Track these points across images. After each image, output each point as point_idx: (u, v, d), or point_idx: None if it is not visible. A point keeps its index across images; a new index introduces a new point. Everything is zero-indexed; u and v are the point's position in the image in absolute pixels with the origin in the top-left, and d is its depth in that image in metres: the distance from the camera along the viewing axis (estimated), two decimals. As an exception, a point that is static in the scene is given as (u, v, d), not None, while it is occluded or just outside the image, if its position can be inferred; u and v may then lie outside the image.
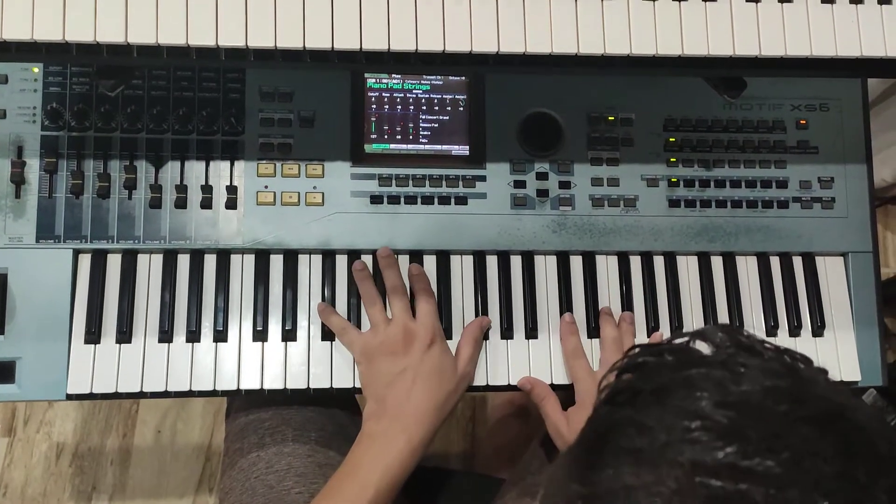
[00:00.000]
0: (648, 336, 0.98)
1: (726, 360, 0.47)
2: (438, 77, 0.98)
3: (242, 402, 1.00)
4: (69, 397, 0.88)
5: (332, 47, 0.73)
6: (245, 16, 0.71)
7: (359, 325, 0.93)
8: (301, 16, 0.72)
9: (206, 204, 0.93)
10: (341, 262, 0.95)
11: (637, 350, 0.51)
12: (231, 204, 0.93)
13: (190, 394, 0.90)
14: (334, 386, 0.92)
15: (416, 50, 0.73)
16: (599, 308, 0.97)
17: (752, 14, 0.78)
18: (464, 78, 0.99)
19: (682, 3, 0.77)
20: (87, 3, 0.69)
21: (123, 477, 1.58)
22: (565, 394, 0.95)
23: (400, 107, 0.98)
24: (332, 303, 0.93)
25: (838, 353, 1.00)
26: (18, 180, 0.90)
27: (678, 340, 0.51)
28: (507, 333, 0.96)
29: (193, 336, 0.91)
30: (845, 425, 0.44)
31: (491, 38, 0.74)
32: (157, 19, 0.70)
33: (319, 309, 0.92)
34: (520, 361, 0.95)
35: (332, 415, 0.99)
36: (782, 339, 1.00)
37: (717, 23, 0.78)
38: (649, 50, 0.76)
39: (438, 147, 0.99)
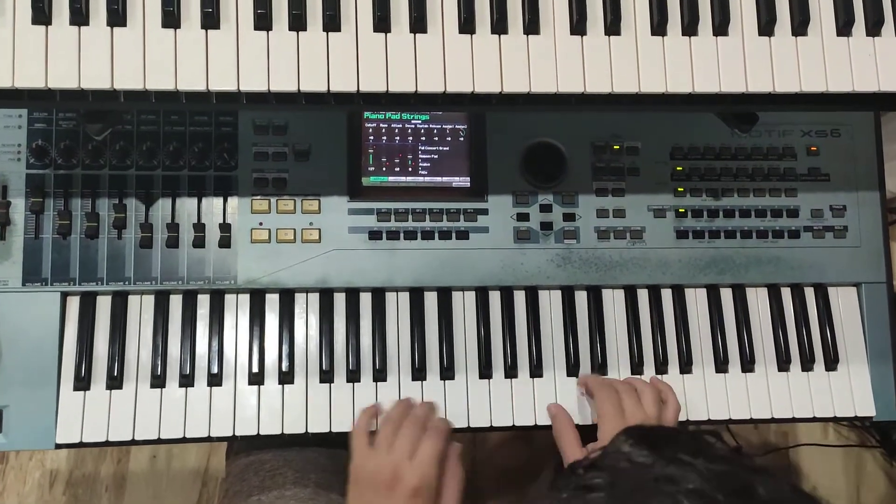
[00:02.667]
0: (655, 374, 0.95)
1: (666, 493, 0.44)
2: (438, 107, 0.95)
3: (243, 443, 0.97)
4: (58, 447, 0.85)
5: (328, 90, 0.69)
6: (237, 59, 0.68)
7: (353, 365, 0.90)
8: (295, 57, 0.69)
9: (199, 243, 0.89)
10: (339, 300, 0.92)
11: (560, 483, 0.48)
12: (224, 242, 0.90)
13: (184, 440, 0.87)
14: (333, 430, 0.89)
15: (416, 91, 0.70)
16: (606, 345, 0.94)
17: (765, 48, 0.75)
18: (464, 108, 0.96)
19: (692, 38, 0.74)
20: (71, 49, 0.66)
21: (119, 503, 1.55)
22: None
23: (398, 138, 0.95)
24: (330, 344, 0.90)
25: (852, 388, 0.97)
26: (3, 221, 0.87)
27: (598, 460, 0.48)
28: (511, 372, 0.92)
29: (187, 381, 0.88)
30: None
31: (494, 77, 0.71)
32: (145, 64, 0.67)
33: (367, 407, 0.88)
34: (524, 400, 0.92)
35: (333, 454, 0.96)
36: (795, 374, 0.97)
37: (729, 58, 0.74)
38: (659, 88, 0.73)
39: (438, 179, 0.95)
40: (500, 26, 0.72)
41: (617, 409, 0.86)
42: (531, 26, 0.72)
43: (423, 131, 0.95)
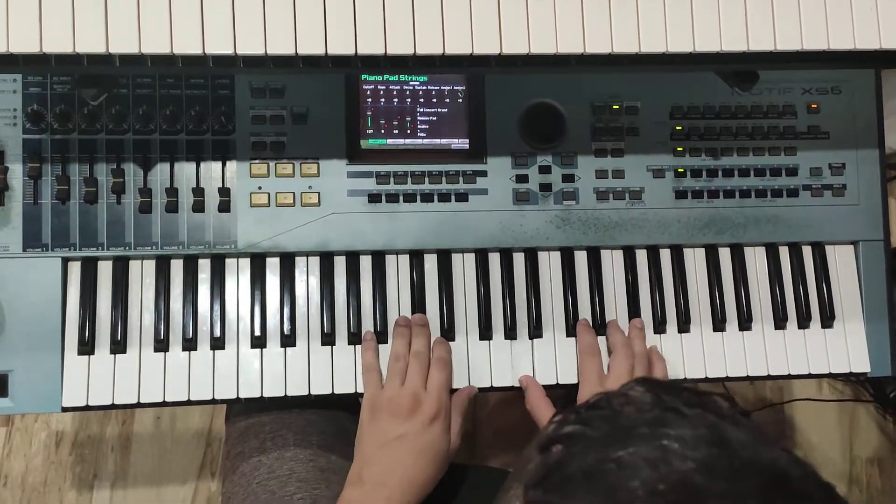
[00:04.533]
0: (654, 333, 0.96)
1: (653, 434, 0.44)
2: (436, 67, 0.94)
3: (243, 405, 0.98)
4: (65, 410, 0.86)
5: (326, 52, 0.69)
6: (233, 22, 0.67)
7: (354, 327, 0.91)
8: (292, 20, 0.68)
9: (198, 207, 0.89)
10: (340, 263, 0.92)
11: (561, 418, 0.49)
12: (224, 207, 0.90)
13: (188, 403, 0.88)
14: (336, 392, 0.90)
15: (415, 53, 0.70)
16: (605, 305, 0.95)
17: (766, 5, 0.74)
18: (462, 68, 0.95)
19: (693, -4, 0.73)
20: (65, 12, 0.65)
21: (124, 464, 1.58)
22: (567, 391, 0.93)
23: (396, 100, 0.95)
24: (331, 308, 0.91)
25: (847, 345, 0.98)
26: (1, 187, 0.86)
27: (601, 401, 0.49)
28: (510, 333, 0.93)
29: (190, 344, 0.88)
30: (783, 493, 0.42)
31: (493, 38, 0.70)
32: (140, 27, 0.66)
33: (365, 336, 0.91)
34: (524, 362, 0.93)
35: (333, 417, 0.98)
36: (791, 332, 0.98)
37: (730, 16, 0.74)
38: (659, 47, 0.73)
39: (437, 141, 0.95)
40: (498, -14, 0.71)
41: (598, 374, 0.90)
42: (530, -14, 0.71)
43: (421, 93, 0.95)
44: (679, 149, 0.98)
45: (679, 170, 0.97)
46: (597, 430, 0.46)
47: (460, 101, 0.95)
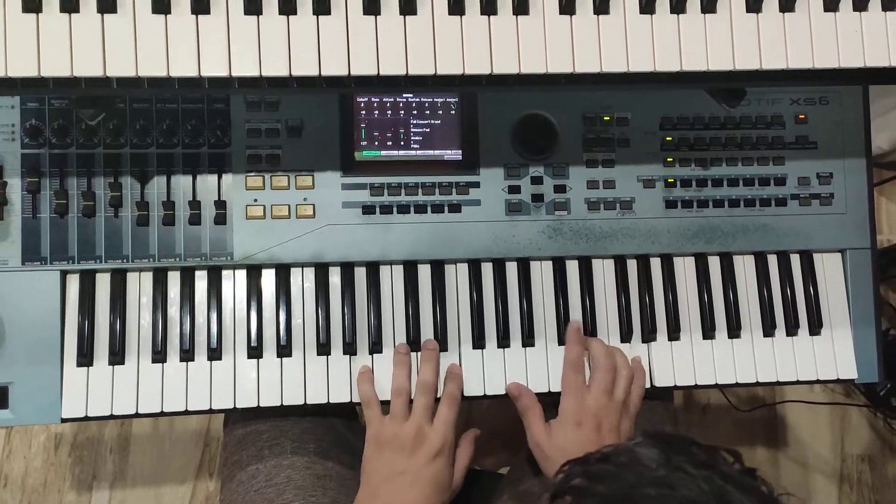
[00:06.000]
0: (644, 341, 0.97)
1: (658, 497, 0.45)
2: (429, 80, 0.95)
3: (240, 413, 1.00)
4: (64, 420, 0.88)
5: (320, 74, 0.70)
6: (228, 44, 0.69)
7: (350, 338, 0.92)
8: (286, 42, 0.69)
9: (195, 220, 0.91)
10: (335, 274, 0.94)
11: (569, 469, 0.50)
12: (220, 219, 0.91)
13: (186, 413, 0.89)
14: (331, 401, 0.91)
15: (407, 74, 0.71)
16: (596, 314, 0.97)
17: (752, 25, 0.76)
18: (455, 81, 0.96)
19: (680, 16, 0.74)
20: (63, 36, 0.66)
21: (123, 465, 1.59)
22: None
23: (390, 112, 0.96)
24: (326, 319, 0.92)
25: (835, 351, 1.00)
26: (1, 201, 0.88)
27: (610, 454, 0.50)
28: (503, 342, 0.95)
29: (187, 355, 0.90)
30: None
31: (484, 59, 0.72)
32: (137, 50, 0.68)
33: (361, 371, 0.92)
34: (516, 370, 0.95)
35: (329, 424, 0.99)
36: (780, 339, 1.00)
37: (716, 35, 0.75)
38: (647, 67, 0.74)
39: (430, 152, 0.96)
40: (489, 7, 0.72)
41: (579, 388, 0.91)
42: (520, 7, 0.72)
43: (414, 105, 0.96)
44: (669, 159, 0.99)
45: (669, 180, 0.99)
46: (604, 487, 0.47)
47: (453, 112, 0.97)
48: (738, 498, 0.45)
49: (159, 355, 0.89)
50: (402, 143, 0.96)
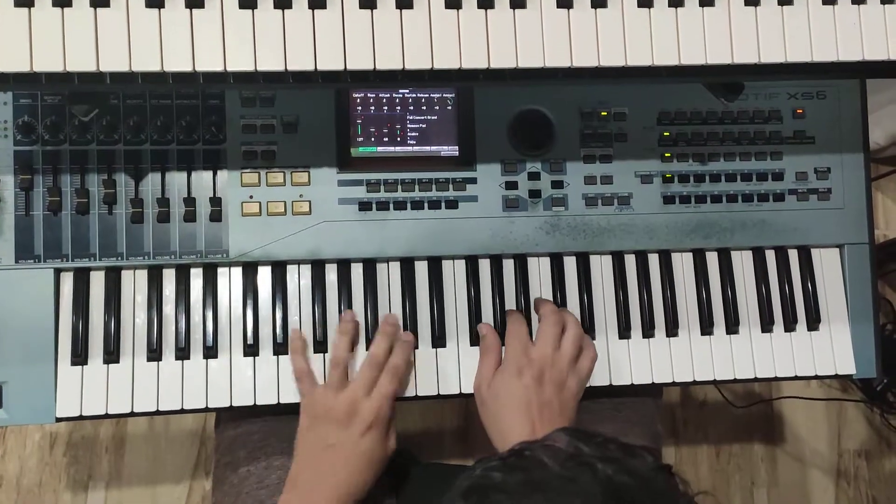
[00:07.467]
0: (642, 337, 0.97)
1: (560, 489, 0.46)
2: (425, 75, 0.95)
3: (231, 413, 0.99)
4: (59, 420, 0.87)
5: (315, 69, 0.69)
6: (222, 39, 0.68)
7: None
8: (281, 36, 0.69)
9: (190, 217, 0.90)
10: (331, 271, 0.93)
11: (485, 464, 0.51)
12: (215, 216, 0.90)
13: (182, 412, 0.89)
14: (328, 399, 0.91)
15: (404, 68, 0.70)
16: (594, 310, 0.96)
17: (751, 19, 0.75)
18: (452, 76, 0.95)
19: (678, 9, 0.74)
20: (56, 31, 0.65)
21: (119, 464, 1.58)
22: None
23: (386, 107, 0.95)
24: (323, 316, 0.91)
25: (833, 347, 1.00)
26: (-7, 199, 0.87)
27: (525, 449, 0.51)
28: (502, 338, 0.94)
29: (183, 354, 0.89)
30: None
31: (481, 53, 0.71)
32: (130, 45, 0.67)
33: (292, 337, 0.90)
34: (515, 366, 0.94)
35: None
36: (778, 334, 1.00)
37: (715, 29, 0.75)
38: (645, 61, 0.73)
39: (427, 148, 0.96)
40: (486, 1, 0.71)
41: (524, 337, 0.89)
42: (517, 0, 0.72)
43: (410, 100, 0.95)
44: (667, 154, 0.99)
45: (667, 175, 0.98)
46: (514, 480, 0.48)
47: (450, 108, 0.96)
48: (639, 496, 0.46)
49: (154, 354, 0.89)
50: (398, 138, 0.95)
